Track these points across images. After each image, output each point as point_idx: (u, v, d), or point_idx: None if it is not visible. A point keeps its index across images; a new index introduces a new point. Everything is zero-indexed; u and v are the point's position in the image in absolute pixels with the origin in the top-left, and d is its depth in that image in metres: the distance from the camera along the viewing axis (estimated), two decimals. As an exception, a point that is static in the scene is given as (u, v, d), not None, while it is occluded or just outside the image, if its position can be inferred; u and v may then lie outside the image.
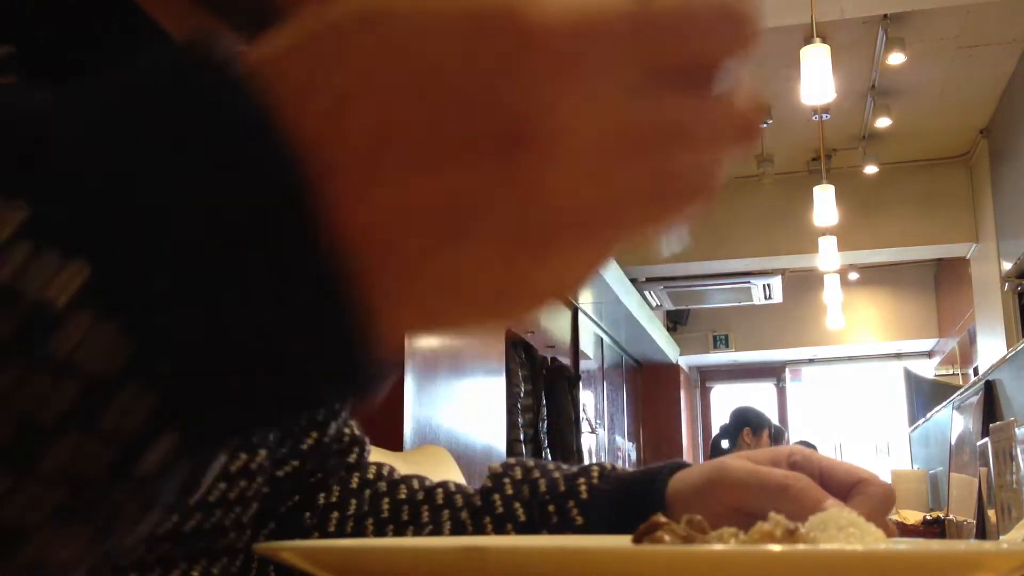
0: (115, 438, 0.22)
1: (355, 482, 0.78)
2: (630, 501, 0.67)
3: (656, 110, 0.25)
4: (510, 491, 0.72)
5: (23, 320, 0.21)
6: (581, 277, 0.26)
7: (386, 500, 0.75)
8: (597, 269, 0.26)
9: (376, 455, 0.84)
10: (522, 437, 4.68)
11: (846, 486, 0.61)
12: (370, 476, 0.79)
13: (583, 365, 6.63)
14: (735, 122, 0.26)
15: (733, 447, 4.83)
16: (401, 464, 0.84)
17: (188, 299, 0.23)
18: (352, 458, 0.80)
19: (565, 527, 0.69)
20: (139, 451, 0.23)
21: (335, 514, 0.75)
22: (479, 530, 0.71)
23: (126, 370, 0.22)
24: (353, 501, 0.76)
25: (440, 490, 0.76)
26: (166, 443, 0.23)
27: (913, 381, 7.46)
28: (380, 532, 0.74)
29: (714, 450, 4.97)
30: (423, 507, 0.74)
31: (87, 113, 0.23)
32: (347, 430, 0.80)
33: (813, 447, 5.87)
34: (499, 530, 0.71)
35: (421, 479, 0.79)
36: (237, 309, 0.23)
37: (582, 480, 0.70)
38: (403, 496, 0.76)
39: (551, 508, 0.69)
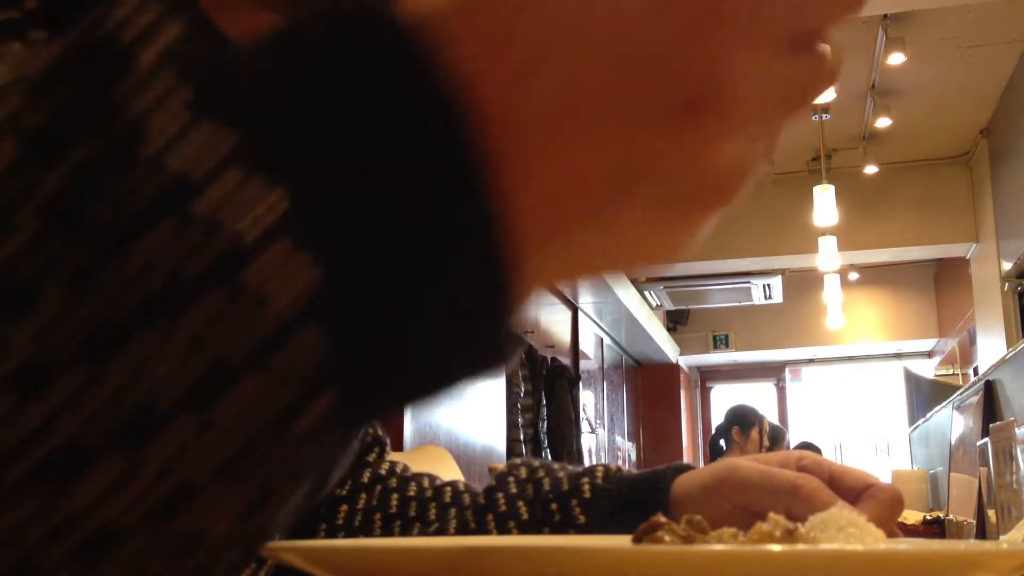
0: (286, 385, 0.22)
1: (366, 477, 0.78)
2: (634, 501, 0.68)
3: (796, 72, 0.26)
4: (514, 489, 0.72)
5: (221, 251, 0.21)
6: (705, 229, 0.28)
7: (395, 496, 0.76)
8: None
9: (377, 455, 0.85)
10: (522, 437, 4.68)
11: (855, 491, 0.61)
12: (382, 472, 0.79)
13: (583, 365, 6.64)
14: (831, 76, 0.28)
15: (728, 446, 4.84)
16: (401, 464, 0.84)
17: (377, 239, 0.22)
18: (371, 457, 0.80)
19: (567, 526, 0.69)
20: (303, 404, 0.22)
21: (344, 507, 0.76)
22: (482, 528, 0.71)
23: (312, 306, 0.22)
24: (363, 495, 0.76)
25: (448, 488, 0.76)
26: (326, 400, 0.23)
27: (913, 381, 7.46)
28: (387, 527, 0.74)
29: (712, 450, 4.97)
30: (431, 505, 0.75)
31: (276, 55, 0.23)
32: (370, 430, 0.81)
33: (816, 449, 5.88)
34: (502, 528, 0.71)
35: (432, 477, 0.79)
36: (413, 259, 0.23)
37: (586, 480, 0.70)
38: (412, 493, 0.76)
39: (554, 507, 0.70)
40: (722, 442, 4.89)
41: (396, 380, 0.24)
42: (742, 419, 4.89)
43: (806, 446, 5.97)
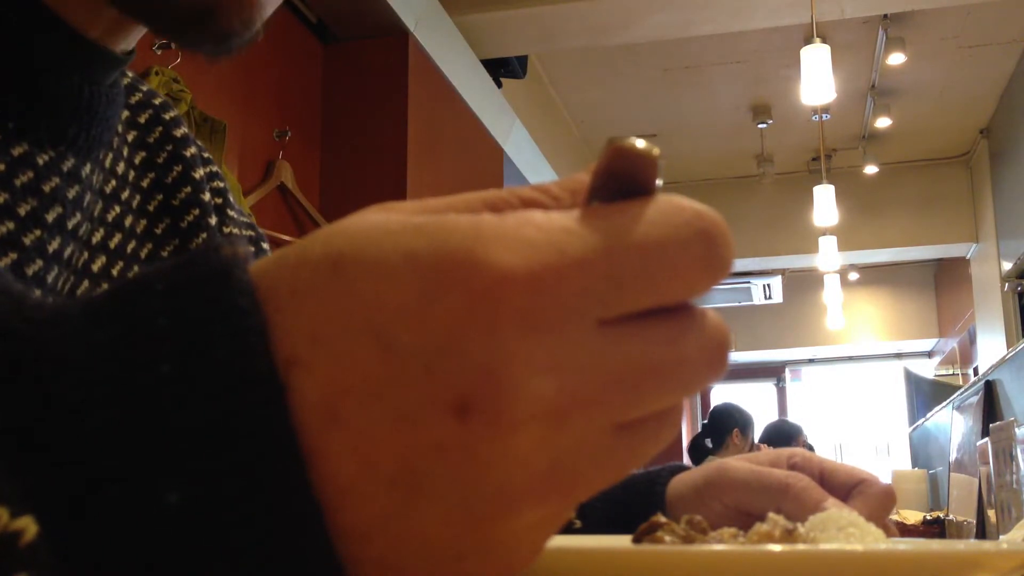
0: None
1: None
2: (630, 503, 0.67)
3: (624, 357, 0.24)
4: None
5: None
6: (548, 535, 0.25)
7: None
8: (556, 530, 0.25)
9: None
10: (522, 437, 4.66)
11: (846, 487, 0.61)
12: None
13: (583, 365, 6.63)
14: (709, 352, 0.25)
15: (718, 448, 4.76)
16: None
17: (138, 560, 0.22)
18: None
19: (564, 530, 0.68)
20: None
21: None
22: None
23: None
24: None
25: None
26: None
27: (913, 381, 7.46)
28: None
29: (695, 449, 4.91)
30: None
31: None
32: None
33: (811, 447, 5.84)
34: None
35: None
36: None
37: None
38: None
39: None
40: (708, 441, 4.82)
41: None
42: (742, 421, 4.82)
43: (777, 427, 5.92)
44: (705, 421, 5.04)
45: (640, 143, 0.24)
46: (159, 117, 0.67)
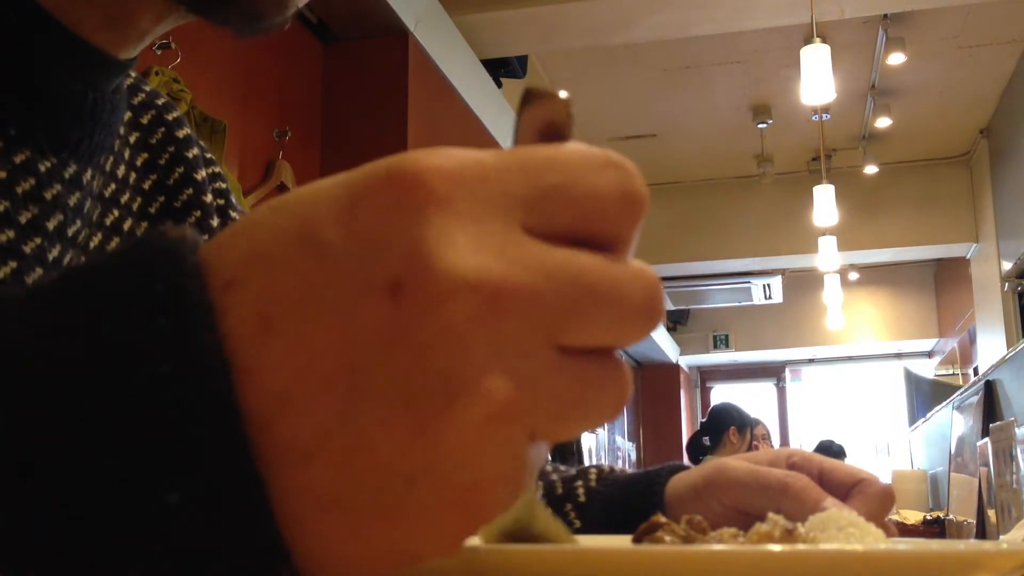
0: None
1: None
2: (628, 504, 0.67)
3: (554, 263, 0.24)
4: None
5: None
6: (505, 459, 0.24)
7: None
8: (516, 462, 0.24)
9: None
10: (522, 437, 4.66)
11: (845, 486, 0.61)
12: None
13: (583, 365, 6.62)
14: (640, 291, 0.25)
15: (716, 447, 4.76)
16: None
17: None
18: None
19: None
20: None
21: None
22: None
23: None
24: None
25: None
26: None
27: (913, 381, 7.46)
28: None
29: (693, 447, 4.91)
30: None
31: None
32: None
33: (838, 448, 5.78)
34: None
35: None
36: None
37: (579, 483, 0.70)
38: None
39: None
40: (705, 440, 4.81)
41: None
42: (739, 419, 4.82)
43: (827, 447, 5.91)
44: (704, 420, 5.05)
45: (552, 92, 0.28)
46: (162, 118, 0.67)
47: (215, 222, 0.67)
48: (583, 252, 0.25)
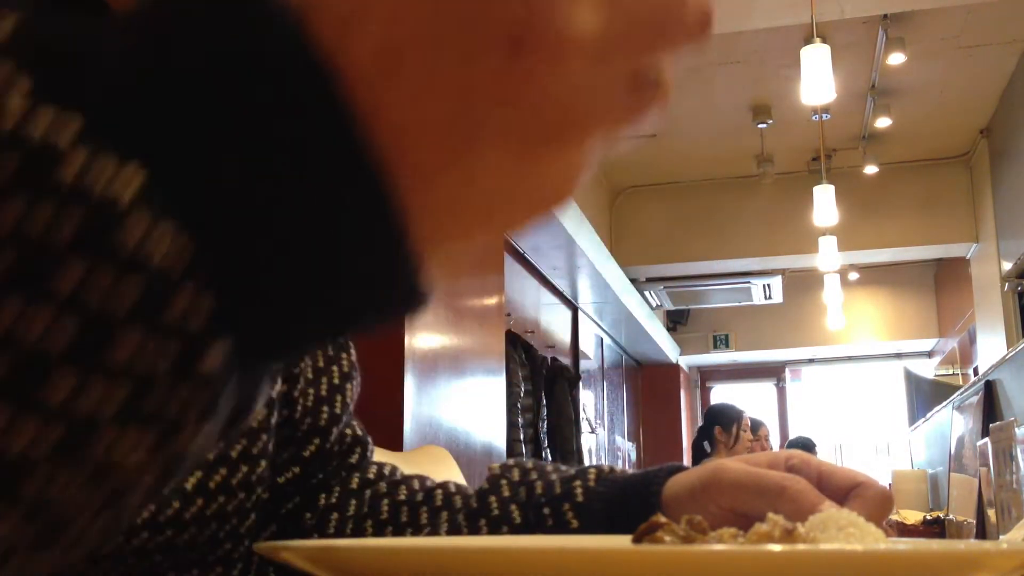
0: (177, 336, 0.23)
1: (355, 483, 0.78)
2: (626, 504, 0.67)
3: (639, 6, 0.26)
4: (507, 493, 0.72)
5: (89, 217, 0.22)
6: (579, 176, 0.27)
7: (385, 501, 0.75)
8: (590, 168, 0.28)
9: (377, 455, 0.84)
10: (522, 437, 4.68)
11: (844, 490, 0.61)
12: (371, 476, 0.79)
13: (583, 365, 6.64)
14: (698, 11, 0.27)
15: (713, 448, 4.80)
16: (401, 464, 0.84)
17: (243, 197, 0.23)
18: (354, 459, 0.80)
19: (560, 530, 0.68)
20: (199, 351, 0.23)
21: (334, 515, 0.75)
22: (474, 532, 0.71)
23: (187, 268, 0.23)
24: (353, 502, 0.76)
25: (440, 491, 0.76)
26: (223, 346, 0.24)
27: (913, 381, 7.46)
28: (379, 534, 0.74)
29: (697, 453, 4.94)
30: (422, 509, 0.74)
31: (128, 25, 0.24)
32: (348, 431, 0.80)
33: (811, 444, 5.85)
34: (494, 532, 0.71)
35: (423, 479, 0.79)
36: (292, 209, 0.23)
37: (578, 483, 0.70)
38: (403, 497, 0.75)
39: (546, 511, 0.69)
40: (706, 444, 4.85)
41: (296, 323, 0.25)
42: (722, 417, 4.85)
43: (800, 442, 5.96)
44: (701, 425, 5.09)
45: None
46: None
47: None
48: None
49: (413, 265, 0.25)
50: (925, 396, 6.80)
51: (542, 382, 5.05)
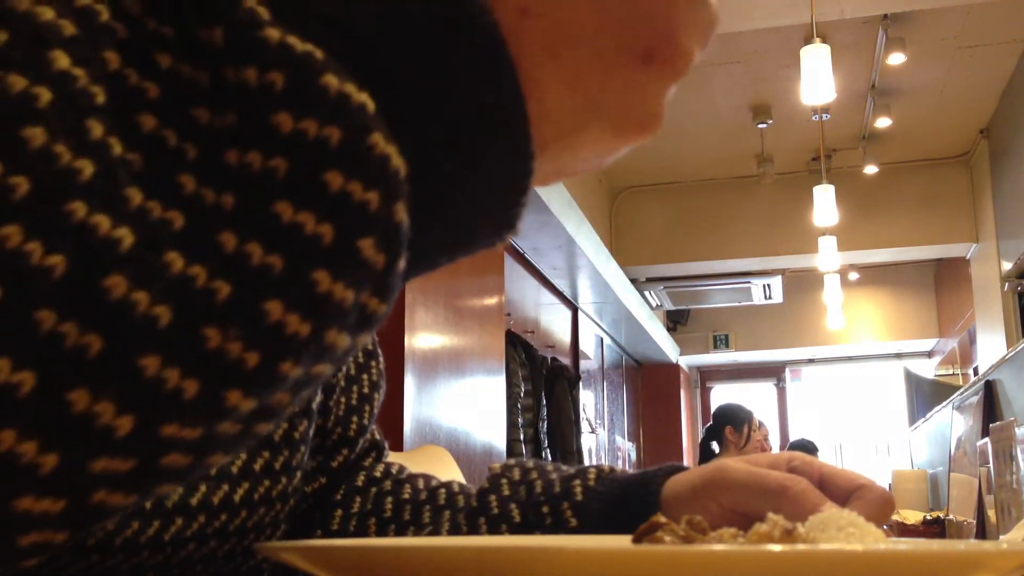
0: (377, 182, 0.25)
1: (360, 480, 0.78)
2: (625, 504, 0.67)
3: (709, 20, 0.32)
4: (506, 492, 0.72)
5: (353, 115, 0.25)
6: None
7: (389, 499, 0.75)
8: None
9: (383, 454, 0.84)
10: (522, 437, 4.68)
11: (845, 491, 0.61)
12: (376, 474, 0.79)
13: (583, 365, 6.64)
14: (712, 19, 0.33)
15: (722, 448, 4.80)
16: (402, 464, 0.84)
17: (442, 128, 0.27)
18: (367, 462, 0.80)
19: (559, 529, 0.68)
20: (396, 197, 0.26)
21: (338, 512, 0.75)
22: (473, 531, 0.71)
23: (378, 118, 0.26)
24: (357, 499, 0.76)
25: (443, 491, 0.76)
26: (406, 203, 0.26)
27: (913, 381, 7.46)
28: (382, 532, 0.74)
29: (704, 454, 4.94)
30: (425, 508, 0.74)
31: None
32: (367, 435, 0.80)
33: (812, 447, 5.86)
34: (494, 531, 0.70)
35: (427, 479, 0.78)
36: (468, 132, 0.27)
37: (577, 482, 0.70)
38: (407, 496, 0.75)
39: (545, 509, 0.69)
40: (714, 444, 4.86)
41: (441, 223, 0.29)
42: (733, 417, 4.85)
43: (801, 444, 5.97)
44: (709, 425, 5.08)
45: None
46: None
47: None
48: None
49: (526, 198, 0.30)
50: (925, 396, 6.80)
51: (542, 382, 5.04)
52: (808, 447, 5.85)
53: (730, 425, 4.80)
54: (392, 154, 0.25)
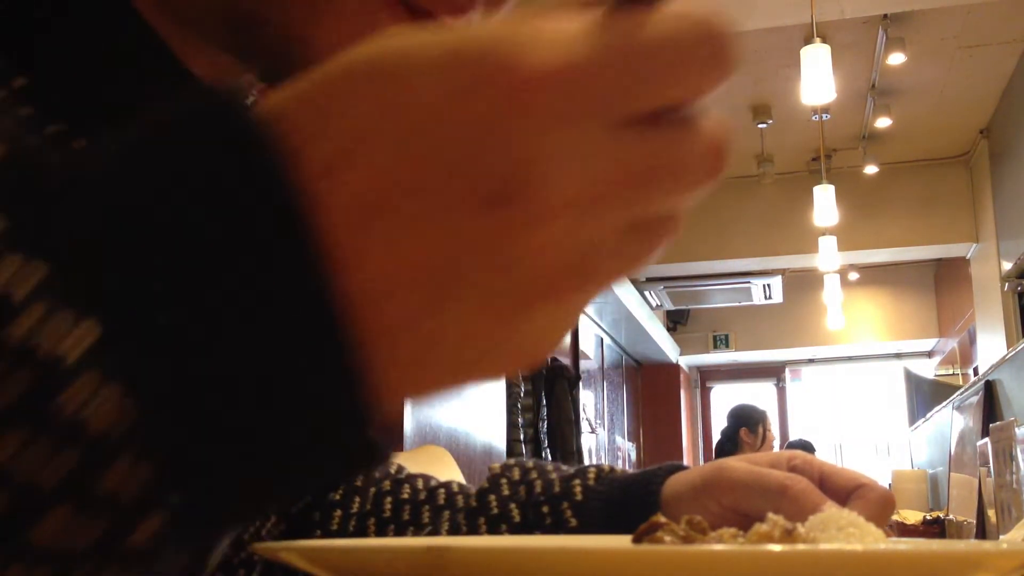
0: (108, 509, 0.21)
1: (360, 480, 0.78)
2: (625, 503, 0.67)
3: (638, 155, 0.25)
4: (506, 491, 0.72)
5: (34, 379, 0.21)
6: (564, 330, 0.26)
7: (389, 499, 0.75)
8: (576, 319, 0.26)
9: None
10: (522, 437, 4.68)
11: (846, 491, 0.61)
12: (376, 474, 0.79)
13: (583, 365, 6.64)
14: (709, 154, 0.26)
15: (735, 449, 4.81)
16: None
17: (197, 363, 0.22)
18: None
19: (559, 528, 0.68)
20: (131, 525, 0.22)
21: (338, 512, 0.75)
22: (473, 531, 0.71)
23: (127, 434, 0.21)
24: (356, 499, 0.76)
25: (443, 490, 0.76)
26: (156, 520, 0.22)
27: (913, 381, 7.46)
28: (381, 532, 0.74)
29: (720, 455, 4.96)
30: (424, 507, 0.74)
31: (104, 170, 0.23)
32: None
33: (810, 446, 5.87)
34: (493, 531, 0.70)
35: (427, 479, 0.78)
36: (247, 376, 0.22)
37: (577, 482, 0.70)
38: (406, 496, 0.75)
39: (545, 509, 0.69)
40: (729, 446, 4.86)
41: (241, 493, 0.23)
42: (748, 418, 4.87)
43: (800, 444, 5.97)
44: (725, 427, 5.10)
45: None
46: None
47: None
48: (663, 129, 0.25)
49: (371, 427, 0.24)
50: (925, 396, 6.80)
51: (542, 382, 5.05)
52: (806, 447, 5.86)
53: (745, 427, 4.81)
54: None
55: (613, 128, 0.24)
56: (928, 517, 2.93)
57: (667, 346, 8.88)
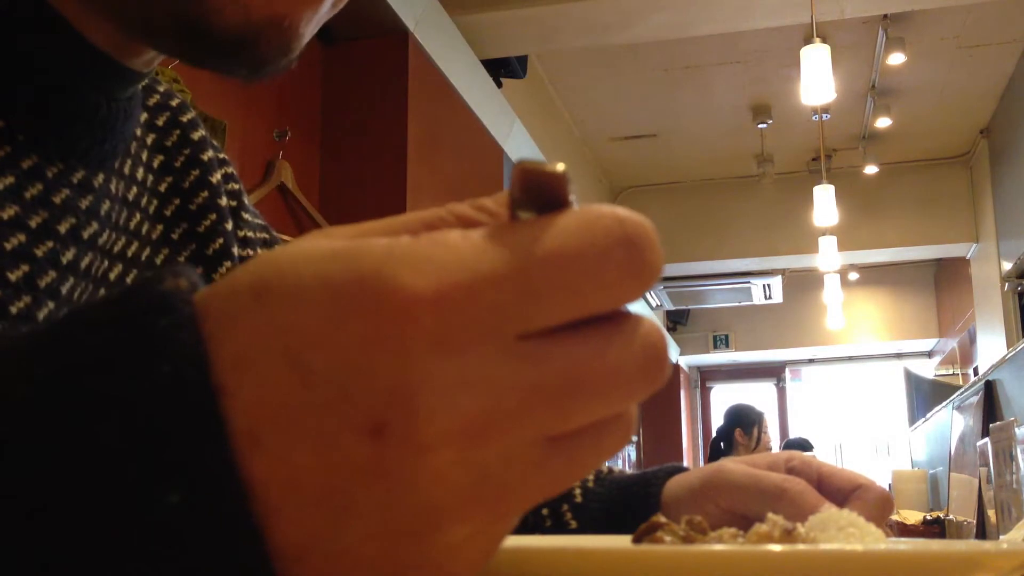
0: None
1: None
2: (625, 505, 0.67)
3: (549, 371, 0.24)
4: None
5: None
6: (494, 543, 0.25)
7: None
8: (498, 543, 0.25)
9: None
10: (522, 437, 4.67)
11: (844, 491, 0.61)
12: None
13: (583, 365, 6.62)
14: (644, 359, 0.25)
15: (729, 449, 4.80)
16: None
17: None
18: None
19: (558, 530, 0.68)
20: None
21: None
22: None
23: None
24: None
25: None
26: None
27: (913, 381, 7.45)
28: None
29: (713, 453, 4.95)
30: None
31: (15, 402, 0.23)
32: None
33: (808, 445, 5.87)
34: None
35: None
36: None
37: (577, 484, 0.70)
38: None
39: (544, 511, 0.69)
40: (722, 445, 4.86)
41: None
42: (743, 419, 4.85)
43: (798, 443, 5.97)
44: (720, 426, 5.09)
45: (545, 164, 0.24)
46: (177, 120, 0.66)
47: (229, 225, 0.67)
48: (579, 340, 0.24)
49: None
50: (925, 396, 6.80)
51: (542, 382, 5.03)
52: (804, 446, 5.86)
53: (739, 427, 4.79)
54: None
55: (511, 348, 0.23)
56: (928, 517, 2.92)
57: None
